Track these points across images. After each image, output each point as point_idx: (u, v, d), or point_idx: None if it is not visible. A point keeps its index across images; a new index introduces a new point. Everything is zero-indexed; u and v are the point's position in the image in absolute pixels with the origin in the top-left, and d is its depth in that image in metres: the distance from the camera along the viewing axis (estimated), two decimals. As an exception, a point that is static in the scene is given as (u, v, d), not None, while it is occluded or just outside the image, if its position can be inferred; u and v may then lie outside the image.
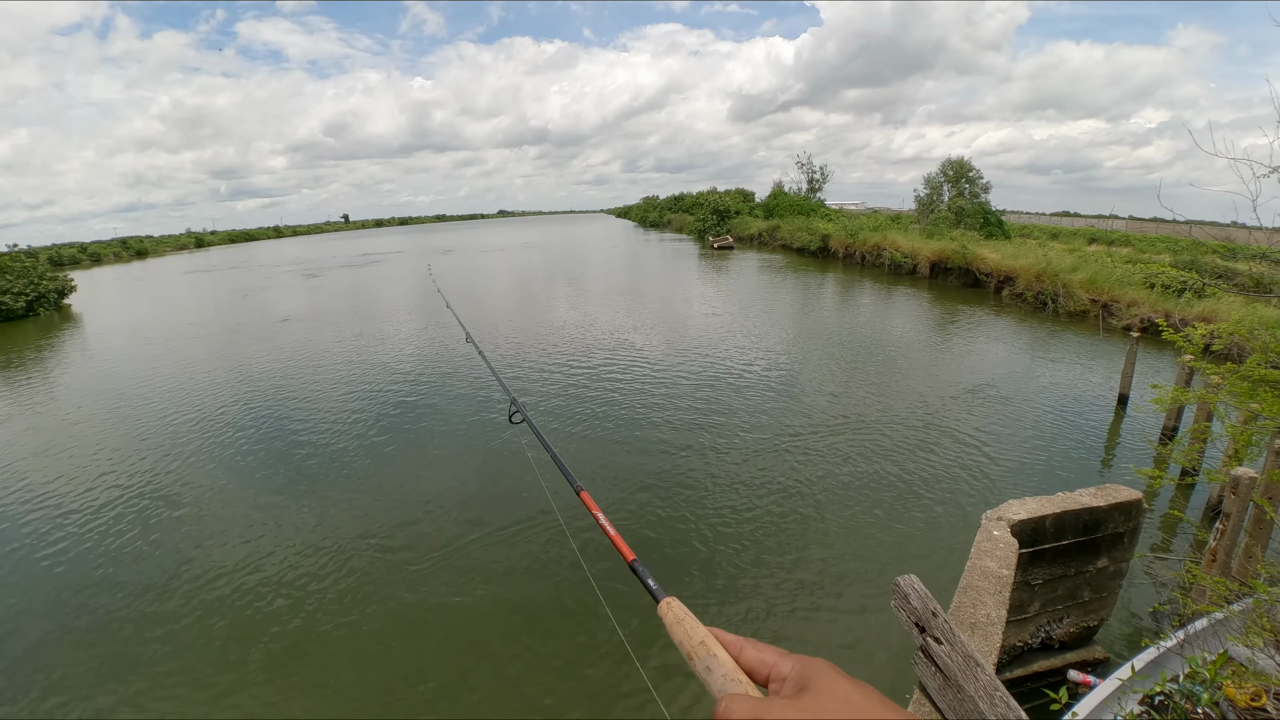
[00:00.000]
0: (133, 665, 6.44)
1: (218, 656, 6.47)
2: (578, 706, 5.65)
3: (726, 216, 64.94)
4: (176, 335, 25.41)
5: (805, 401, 13.42)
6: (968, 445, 10.93)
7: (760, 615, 6.77)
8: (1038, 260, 24.60)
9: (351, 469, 10.89)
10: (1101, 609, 5.69)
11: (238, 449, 12.06)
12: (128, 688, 6.12)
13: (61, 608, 7.50)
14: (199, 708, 5.84)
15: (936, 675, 2.86)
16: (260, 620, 7.02)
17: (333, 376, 17.02)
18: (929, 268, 31.63)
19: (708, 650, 0.77)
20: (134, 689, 6.10)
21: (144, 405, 15.43)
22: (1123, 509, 5.26)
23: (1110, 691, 4.19)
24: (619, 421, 12.46)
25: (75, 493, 10.57)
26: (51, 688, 6.18)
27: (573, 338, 20.35)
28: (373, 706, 5.76)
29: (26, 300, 33.76)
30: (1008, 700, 2.56)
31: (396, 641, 6.59)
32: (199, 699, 5.94)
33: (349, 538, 8.63)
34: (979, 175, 43.50)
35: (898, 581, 3.28)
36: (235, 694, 5.97)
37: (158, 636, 6.86)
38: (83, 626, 7.15)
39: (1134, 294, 19.95)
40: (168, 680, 6.20)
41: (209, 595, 7.54)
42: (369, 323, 25.66)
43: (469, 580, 7.57)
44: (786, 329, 20.90)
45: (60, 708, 5.92)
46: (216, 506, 9.82)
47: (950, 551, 7.63)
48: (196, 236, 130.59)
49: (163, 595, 7.58)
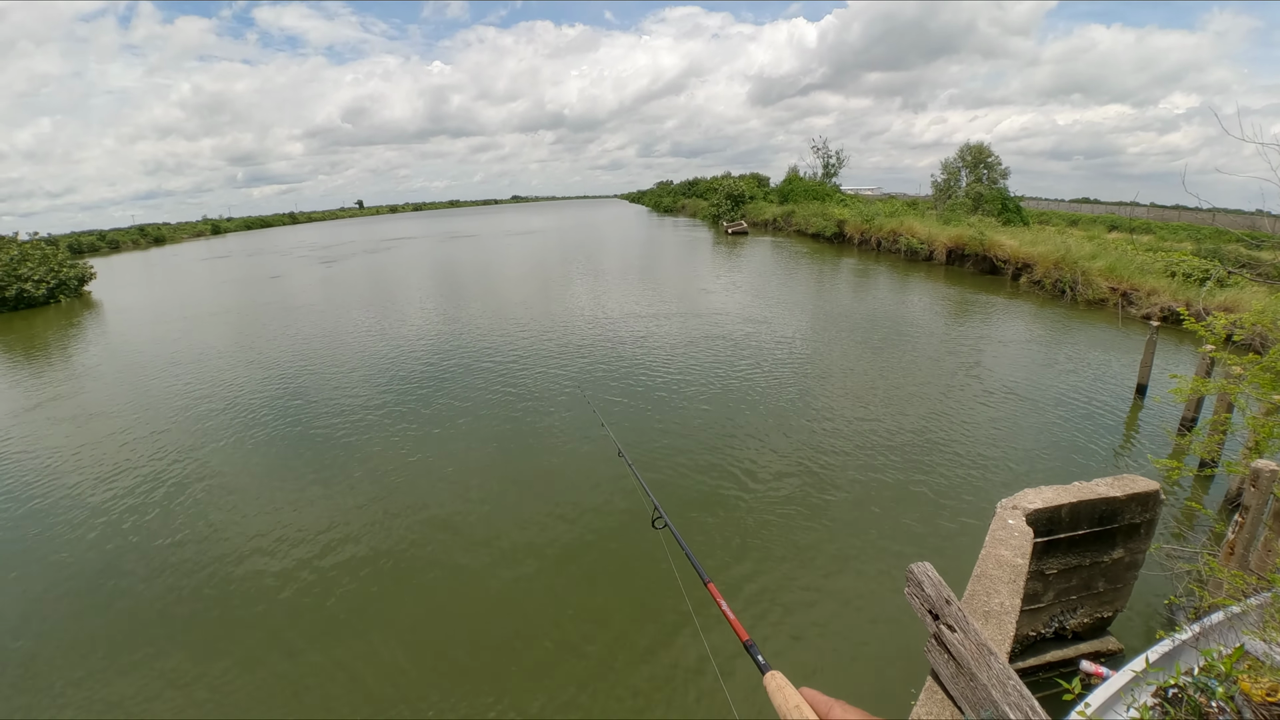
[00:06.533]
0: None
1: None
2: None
3: (741, 202, 64.47)
4: (199, 322, 25.76)
5: (821, 389, 13.39)
6: (982, 433, 10.87)
7: (773, 602, 6.81)
8: (1056, 247, 24.23)
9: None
10: (1116, 600, 5.66)
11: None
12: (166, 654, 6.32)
13: (97, 584, 7.72)
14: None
15: (949, 663, 2.87)
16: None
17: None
18: (945, 254, 31.25)
19: (801, 714, 0.93)
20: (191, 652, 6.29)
21: (190, 387, 15.73)
22: (1140, 500, 5.22)
23: (1124, 683, 4.19)
24: (658, 398, 12.56)
25: (119, 474, 10.82)
26: (96, 657, 6.40)
27: (619, 324, 20.42)
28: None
29: (48, 288, 34.33)
30: (1021, 689, 2.56)
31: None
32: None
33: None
34: (998, 161, 42.85)
35: (911, 568, 3.28)
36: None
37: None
38: (106, 602, 7.36)
39: (1154, 282, 19.62)
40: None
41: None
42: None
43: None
44: (802, 318, 20.78)
45: (100, 674, 6.13)
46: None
47: (964, 539, 7.61)
48: (213, 223, 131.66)
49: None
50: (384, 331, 21.10)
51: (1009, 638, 3.30)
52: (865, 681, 5.68)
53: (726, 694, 5.38)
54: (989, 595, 3.65)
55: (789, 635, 6.30)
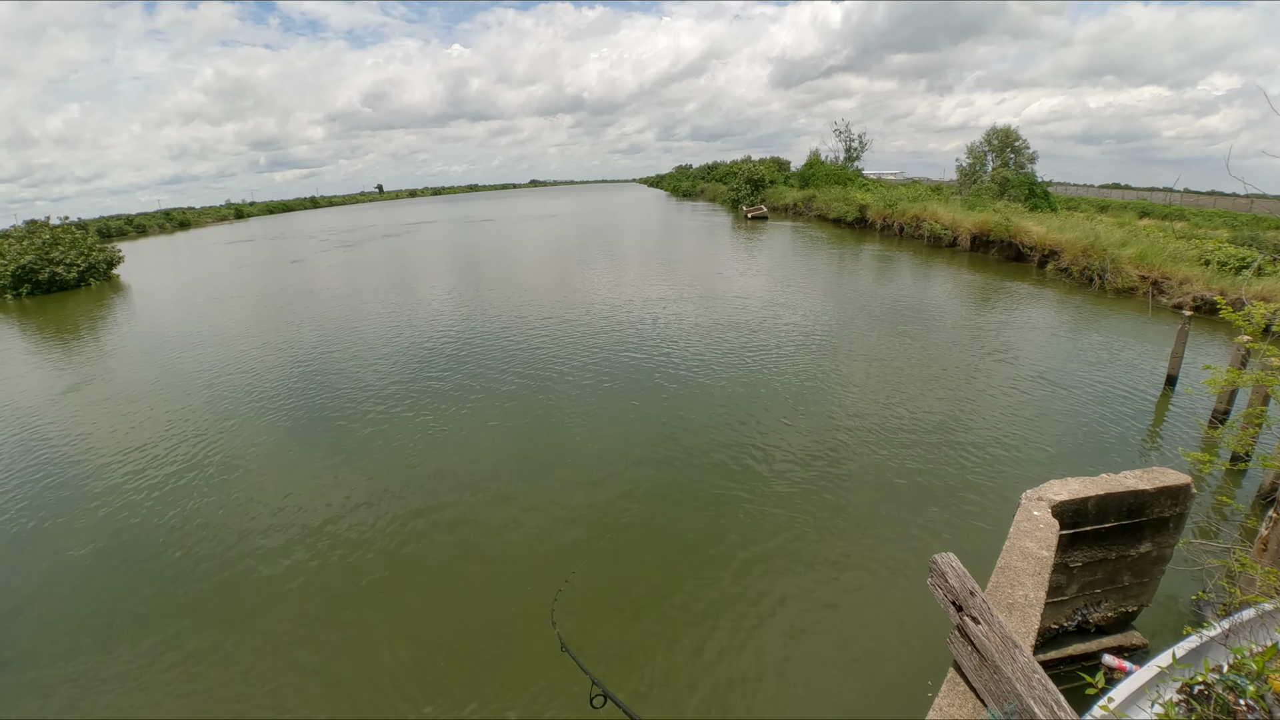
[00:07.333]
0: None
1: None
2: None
3: (761, 186, 63.77)
4: (224, 304, 26.21)
5: (841, 374, 13.28)
6: (1006, 422, 10.72)
7: (790, 587, 6.81)
8: (1084, 234, 23.63)
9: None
10: (1142, 594, 5.57)
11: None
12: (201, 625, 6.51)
13: (130, 562, 7.97)
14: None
15: (973, 655, 2.85)
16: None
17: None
18: (969, 240, 30.65)
19: None
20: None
21: (222, 371, 16.07)
22: (1169, 493, 5.11)
23: (1148, 678, 4.13)
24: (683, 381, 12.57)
25: (151, 456, 11.11)
26: (136, 629, 6.62)
27: (627, 304, 20.44)
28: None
29: (78, 271, 35.09)
30: (1046, 683, 2.54)
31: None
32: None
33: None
34: (1025, 145, 41.89)
35: (935, 559, 3.25)
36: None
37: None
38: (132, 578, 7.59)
39: (1187, 271, 19.07)
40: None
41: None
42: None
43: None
44: (823, 303, 20.57)
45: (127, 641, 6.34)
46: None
47: (987, 530, 7.54)
48: (236, 208, 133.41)
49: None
50: (404, 315, 21.31)
51: (1033, 631, 3.26)
52: (881, 673, 5.66)
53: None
54: (1013, 587, 3.61)
55: (805, 622, 6.30)
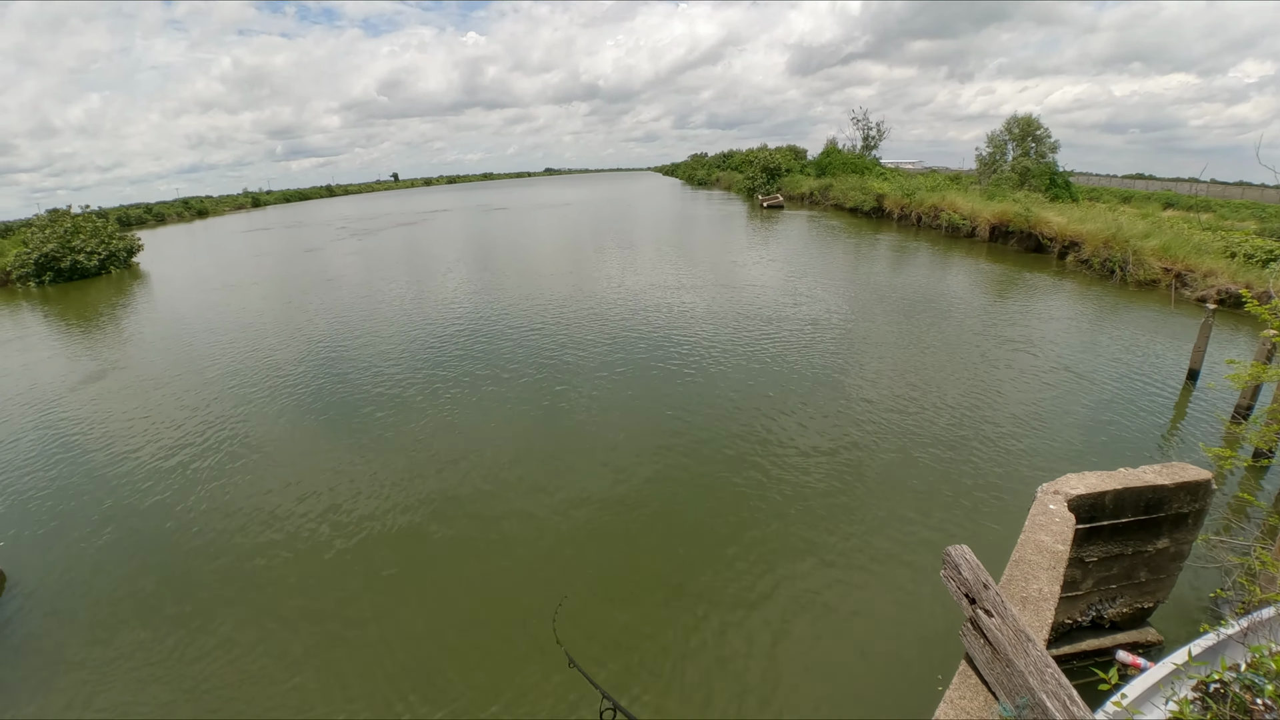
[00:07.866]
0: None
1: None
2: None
3: (776, 175, 63.17)
4: (241, 291, 26.51)
5: (856, 363, 13.19)
6: (1023, 414, 10.61)
7: (801, 577, 6.82)
8: (1106, 225, 23.18)
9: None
10: (1158, 591, 5.52)
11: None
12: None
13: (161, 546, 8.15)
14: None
15: (985, 648, 2.84)
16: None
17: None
18: (988, 231, 30.20)
19: None
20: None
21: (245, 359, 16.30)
22: (1189, 489, 5.04)
23: (1163, 675, 4.08)
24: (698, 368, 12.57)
25: (175, 442, 11.31)
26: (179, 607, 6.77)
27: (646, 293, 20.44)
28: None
29: (99, 259, 35.65)
30: (1059, 678, 2.52)
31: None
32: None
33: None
34: (1047, 134, 41.06)
35: (948, 551, 3.23)
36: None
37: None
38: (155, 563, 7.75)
39: (1211, 263, 18.64)
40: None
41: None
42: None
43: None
44: (839, 293, 20.41)
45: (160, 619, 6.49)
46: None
47: (1002, 523, 7.48)
48: (253, 196, 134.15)
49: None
50: (418, 303, 21.44)
51: (1047, 625, 3.24)
52: (891, 665, 5.65)
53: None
54: (1027, 581, 3.58)
55: (816, 611, 6.30)
